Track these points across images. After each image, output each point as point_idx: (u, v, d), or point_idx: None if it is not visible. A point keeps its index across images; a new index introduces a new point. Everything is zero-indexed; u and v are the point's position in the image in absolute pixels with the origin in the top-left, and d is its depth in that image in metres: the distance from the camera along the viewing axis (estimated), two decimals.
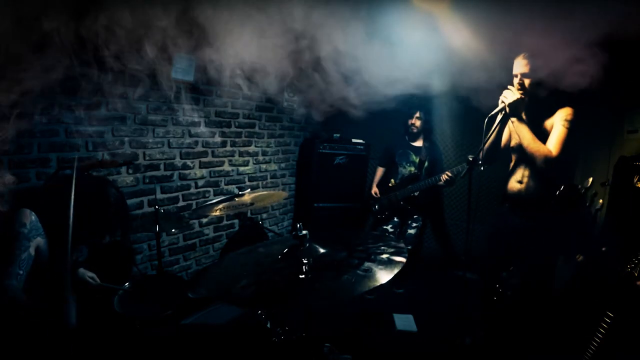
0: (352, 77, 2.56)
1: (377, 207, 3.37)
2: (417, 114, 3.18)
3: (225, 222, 3.41)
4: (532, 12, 1.80)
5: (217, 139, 3.19)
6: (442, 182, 2.95)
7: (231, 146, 3.34)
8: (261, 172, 3.71)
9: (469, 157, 1.97)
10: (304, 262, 1.26)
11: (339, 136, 3.98)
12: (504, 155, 2.19)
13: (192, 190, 3.06)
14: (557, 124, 1.88)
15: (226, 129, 3.26)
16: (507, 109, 1.89)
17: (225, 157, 3.30)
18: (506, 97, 1.89)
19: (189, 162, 2.99)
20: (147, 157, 2.69)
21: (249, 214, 3.44)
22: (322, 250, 1.38)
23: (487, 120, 1.92)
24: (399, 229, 3.30)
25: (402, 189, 3.22)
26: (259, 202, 2.36)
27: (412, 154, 3.25)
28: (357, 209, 4.09)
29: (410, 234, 3.26)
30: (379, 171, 3.49)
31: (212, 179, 3.21)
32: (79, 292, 1.70)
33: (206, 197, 3.16)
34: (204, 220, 3.20)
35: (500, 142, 2.14)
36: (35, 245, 1.35)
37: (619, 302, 1.41)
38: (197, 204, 3.07)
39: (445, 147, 3.80)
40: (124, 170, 2.55)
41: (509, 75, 1.98)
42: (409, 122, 3.21)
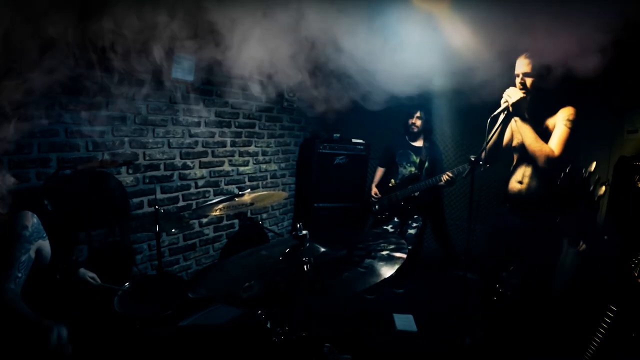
0: (351, 78, 2.57)
1: (377, 207, 3.37)
2: (418, 114, 3.18)
3: (225, 222, 3.41)
4: (532, 11, 1.80)
5: (217, 139, 3.19)
6: (443, 183, 2.94)
7: (231, 146, 3.34)
8: (261, 172, 3.71)
9: (471, 157, 1.97)
10: (304, 261, 1.26)
11: (339, 136, 3.98)
12: (506, 155, 2.19)
13: (192, 190, 3.06)
14: (559, 123, 1.88)
15: (226, 129, 3.26)
16: (510, 108, 1.89)
17: (225, 157, 3.30)
18: (509, 96, 1.89)
19: (189, 162, 2.99)
20: (147, 157, 2.69)
21: (249, 214, 3.44)
22: (322, 249, 1.38)
23: (489, 120, 1.92)
24: (399, 229, 3.30)
25: (402, 189, 3.22)
26: (259, 202, 2.36)
27: (412, 154, 3.25)
28: (357, 209, 4.09)
29: (410, 234, 3.26)
30: (379, 171, 3.49)
31: (212, 179, 3.21)
32: (79, 292, 1.70)
33: (206, 197, 3.16)
34: (204, 220, 3.20)
35: (502, 142, 2.14)
36: (36, 247, 1.34)
37: (620, 299, 1.41)
38: (197, 204, 3.07)
39: (445, 147, 3.80)
40: (124, 170, 2.55)
41: (509, 74, 1.98)
42: (410, 121, 3.21)
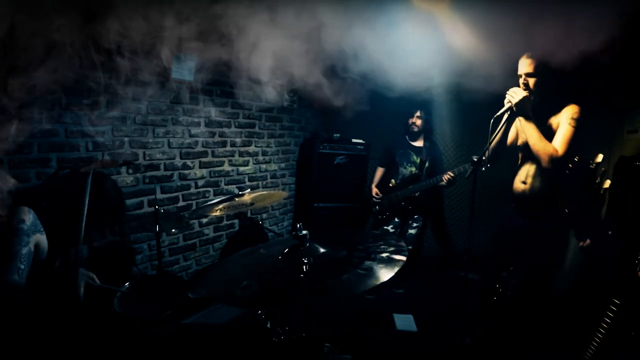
0: (351, 77, 2.57)
1: (377, 207, 3.37)
2: (418, 113, 3.18)
3: (225, 222, 3.41)
4: (532, 11, 1.80)
5: (217, 139, 3.19)
6: (444, 183, 2.94)
7: (231, 146, 3.34)
8: (261, 172, 3.71)
9: (474, 157, 1.96)
10: (304, 261, 1.26)
11: (339, 136, 3.98)
12: (510, 154, 2.18)
13: (192, 190, 3.06)
14: (564, 122, 1.87)
15: (226, 129, 3.26)
16: (514, 108, 1.88)
17: (225, 157, 3.30)
18: (512, 96, 1.88)
19: (189, 162, 2.99)
20: (147, 157, 2.69)
21: (249, 214, 3.44)
22: (322, 249, 1.38)
23: (493, 120, 1.90)
24: (399, 229, 3.30)
25: (403, 189, 3.22)
26: (259, 202, 2.36)
27: (412, 154, 3.25)
28: (357, 209, 4.09)
29: (410, 234, 3.26)
30: (379, 171, 3.49)
31: (212, 179, 3.21)
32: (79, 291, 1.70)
33: (206, 197, 3.16)
34: (204, 220, 3.20)
35: (505, 142, 2.13)
36: (34, 241, 1.36)
37: (621, 295, 1.40)
38: (197, 204, 3.07)
39: (445, 147, 3.80)
40: (124, 170, 2.55)
41: (509, 73, 1.98)
42: (410, 121, 3.21)
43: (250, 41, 2.11)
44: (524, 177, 2.04)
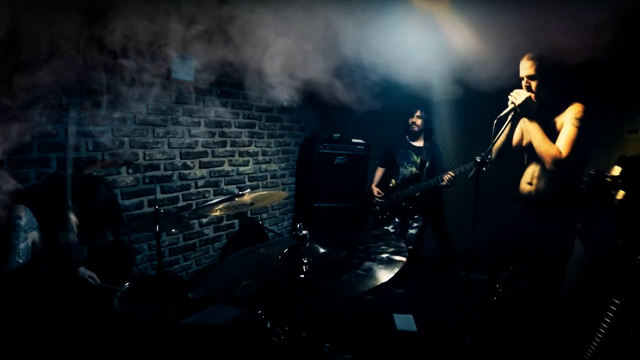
0: (351, 77, 2.57)
1: (377, 207, 3.37)
2: (418, 113, 3.18)
3: (225, 222, 3.41)
4: (532, 10, 1.80)
5: (217, 139, 3.19)
6: (445, 183, 2.94)
7: (231, 146, 3.34)
8: (261, 172, 3.71)
9: (477, 158, 1.94)
10: (304, 261, 1.26)
11: (339, 136, 3.98)
12: (516, 155, 2.16)
13: (192, 190, 3.06)
14: (567, 122, 1.84)
15: (226, 129, 3.26)
16: (518, 109, 1.87)
17: (225, 157, 3.30)
18: (516, 97, 1.87)
19: (189, 162, 2.99)
20: (147, 157, 2.69)
21: (249, 214, 3.44)
22: (322, 250, 1.38)
23: (496, 121, 1.89)
24: (399, 229, 3.30)
25: (403, 189, 3.22)
26: (259, 202, 2.36)
27: (413, 154, 3.25)
28: (357, 209, 4.09)
29: (411, 234, 3.26)
30: (379, 171, 3.48)
31: (212, 179, 3.21)
32: (79, 291, 1.70)
33: (206, 197, 3.16)
34: (204, 220, 3.20)
35: (511, 143, 2.11)
36: (31, 238, 1.37)
37: (623, 293, 1.39)
38: (197, 204, 3.07)
39: (445, 147, 3.80)
40: (124, 170, 2.55)
41: (509, 73, 1.98)
42: (410, 120, 3.21)
43: (250, 41, 2.11)
44: (530, 178, 2.02)
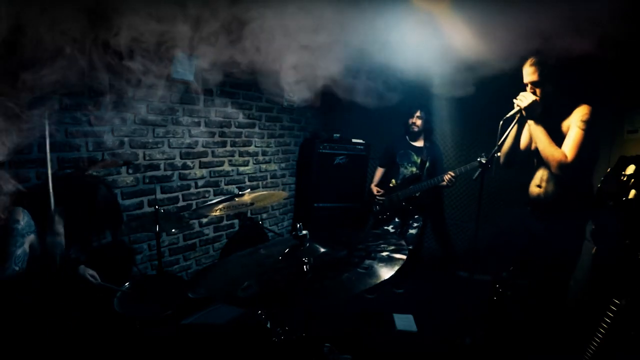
0: (350, 77, 2.57)
1: (377, 207, 3.37)
2: (418, 113, 3.18)
3: (225, 222, 3.41)
4: (531, 10, 1.79)
5: (217, 138, 3.19)
6: (445, 183, 2.95)
7: (231, 146, 3.34)
8: (261, 172, 3.71)
9: (482, 159, 1.93)
10: (304, 261, 1.26)
11: (339, 136, 3.98)
12: (524, 158, 2.14)
13: (192, 190, 3.06)
14: (573, 125, 1.81)
15: (226, 129, 3.26)
16: (523, 112, 1.85)
17: (225, 157, 3.30)
18: (522, 100, 1.85)
19: (189, 162, 2.99)
20: (147, 157, 2.69)
21: (249, 214, 3.44)
22: (322, 249, 1.38)
23: (502, 122, 1.88)
24: (399, 229, 3.30)
25: (403, 189, 3.22)
26: (259, 202, 2.36)
27: (413, 154, 3.25)
28: (357, 209, 4.09)
29: (411, 234, 3.26)
30: (379, 171, 3.48)
31: (212, 179, 3.21)
32: (79, 290, 1.70)
33: (206, 197, 3.16)
34: (204, 220, 3.20)
35: (518, 146, 2.10)
36: (29, 242, 1.36)
37: (624, 291, 1.38)
38: (197, 204, 3.07)
39: (445, 147, 3.80)
40: (124, 170, 2.55)
41: (509, 73, 1.97)
42: (410, 121, 3.21)
43: (249, 41, 2.11)
44: (539, 181, 2.00)
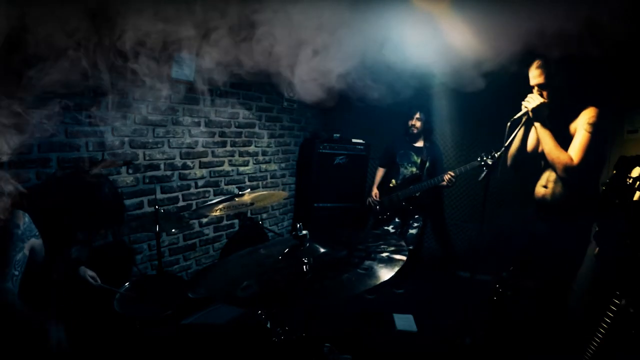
0: (350, 77, 2.56)
1: (377, 207, 3.37)
2: (417, 115, 3.18)
3: (225, 222, 3.41)
4: (531, 10, 1.79)
5: (217, 138, 3.19)
6: (445, 183, 2.95)
7: (231, 146, 3.34)
8: (261, 172, 3.71)
9: (488, 160, 1.93)
10: (304, 261, 1.26)
11: (339, 136, 3.98)
12: (531, 160, 2.12)
13: (192, 190, 3.06)
14: (580, 128, 1.78)
15: (226, 129, 3.26)
16: (530, 114, 1.84)
17: (225, 157, 3.30)
18: (529, 102, 1.84)
19: (189, 162, 2.99)
20: (147, 157, 2.69)
21: (249, 214, 3.44)
22: (322, 249, 1.38)
23: (509, 123, 1.87)
24: (400, 229, 3.30)
25: (403, 189, 3.22)
26: (259, 202, 2.36)
27: (413, 154, 3.25)
28: (357, 209, 4.08)
29: (411, 234, 3.26)
30: (380, 172, 3.49)
31: (212, 179, 3.21)
32: (79, 290, 1.70)
33: (206, 197, 3.16)
34: (204, 220, 3.20)
35: (525, 148, 2.09)
36: (29, 246, 1.34)
37: (625, 289, 1.38)
38: (197, 204, 3.07)
39: (445, 147, 3.80)
40: (124, 170, 2.55)
41: (509, 74, 1.97)
42: (409, 123, 3.21)
43: (249, 41, 2.11)
44: (545, 182, 1.98)
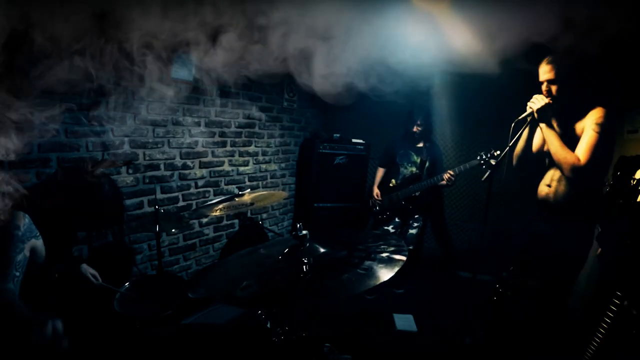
0: (350, 77, 2.56)
1: (377, 207, 3.37)
2: (418, 122, 3.16)
3: (225, 222, 3.41)
4: (531, 10, 1.79)
5: (217, 138, 3.19)
6: (445, 182, 2.95)
7: (231, 146, 3.34)
8: (261, 172, 3.71)
9: (492, 161, 1.92)
10: (304, 261, 1.26)
11: (339, 136, 3.98)
12: (537, 162, 2.11)
13: (192, 190, 3.06)
14: (587, 128, 1.77)
15: (226, 129, 3.26)
16: (535, 115, 1.84)
17: (225, 157, 3.30)
18: (534, 102, 1.84)
19: (189, 162, 2.99)
20: (147, 157, 2.69)
21: (249, 214, 3.44)
22: (322, 249, 1.38)
23: (514, 124, 1.87)
24: (400, 229, 3.30)
25: (403, 189, 3.22)
26: (259, 202, 2.36)
27: (413, 154, 3.24)
28: (357, 209, 4.09)
29: (411, 234, 3.26)
30: (380, 172, 3.48)
31: (212, 179, 3.21)
32: (79, 289, 1.70)
33: (206, 197, 3.16)
34: (204, 220, 3.20)
35: (530, 148, 2.09)
36: (30, 247, 1.35)
37: (625, 289, 1.38)
38: (197, 204, 3.07)
39: (445, 147, 3.79)
40: (124, 170, 2.55)
41: (509, 74, 1.97)
42: (410, 129, 3.19)
43: (249, 41, 2.11)
44: (549, 181, 1.97)
